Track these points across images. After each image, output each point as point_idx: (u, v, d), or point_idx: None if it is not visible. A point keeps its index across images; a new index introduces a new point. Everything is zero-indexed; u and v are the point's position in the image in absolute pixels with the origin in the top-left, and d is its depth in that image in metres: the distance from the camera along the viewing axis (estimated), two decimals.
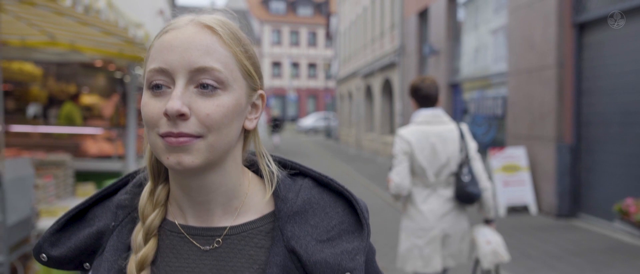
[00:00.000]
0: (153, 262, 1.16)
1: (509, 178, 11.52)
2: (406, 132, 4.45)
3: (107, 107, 10.74)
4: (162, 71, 1.07)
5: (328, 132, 44.30)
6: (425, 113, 4.48)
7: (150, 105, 1.07)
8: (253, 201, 1.20)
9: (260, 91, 1.18)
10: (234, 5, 76.16)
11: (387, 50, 25.40)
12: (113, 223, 1.20)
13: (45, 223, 5.28)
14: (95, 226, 1.21)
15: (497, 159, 11.63)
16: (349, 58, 36.85)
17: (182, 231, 1.18)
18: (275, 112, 40.81)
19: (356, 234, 1.15)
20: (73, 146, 8.89)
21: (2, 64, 9.37)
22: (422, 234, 4.42)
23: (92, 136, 9.44)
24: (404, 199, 4.55)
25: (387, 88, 26.37)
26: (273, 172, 1.21)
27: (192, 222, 1.18)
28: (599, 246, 8.53)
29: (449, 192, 4.41)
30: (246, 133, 1.21)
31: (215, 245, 1.16)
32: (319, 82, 72.69)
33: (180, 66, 1.06)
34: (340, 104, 40.93)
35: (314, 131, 52.03)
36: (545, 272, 7.30)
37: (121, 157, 8.46)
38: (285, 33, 73.68)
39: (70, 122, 9.34)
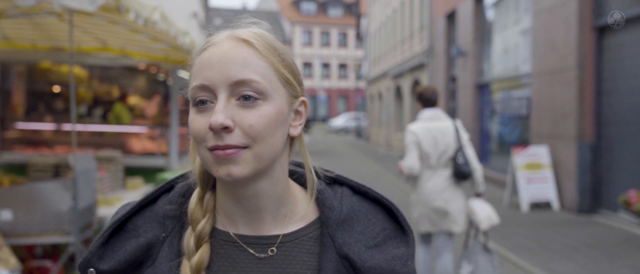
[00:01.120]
0: (209, 269, 1.18)
1: (532, 175, 11.96)
2: (414, 128, 5.77)
3: (150, 107, 11.39)
4: (204, 88, 1.11)
5: (358, 132, 44.72)
6: (428, 113, 5.85)
7: (196, 121, 1.11)
8: (298, 208, 1.23)
9: (301, 98, 1.20)
10: (264, 7, 76.97)
11: (416, 52, 25.88)
12: (163, 234, 1.21)
13: (103, 211, 5.91)
14: (142, 237, 1.21)
15: (521, 157, 12.08)
16: (379, 59, 37.33)
17: (237, 239, 1.20)
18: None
19: (400, 239, 1.20)
20: (119, 143, 9.54)
21: (54, 67, 10.12)
22: (427, 204, 5.78)
23: (136, 134, 10.10)
24: (413, 179, 5.91)
25: (417, 89, 26.81)
26: (314, 180, 1.24)
27: (244, 231, 1.21)
28: (615, 239, 8.98)
29: (447, 172, 5.74)
30: (291, 140, 1.23)
31: (270, 253, 1.18)
32: (349, 83, 73.12)
33: (220, 81, 1.09)
34: (370, 104, 41.41)
35: (344, 131, 52.49)
36: (562, 262, 7.77)
37: (164, 155, 9.08)
38: (316, 34, 74.22)
39: (118, 121, 10.01)
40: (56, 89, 11.20)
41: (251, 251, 1.18)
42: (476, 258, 5.78)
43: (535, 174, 11.99)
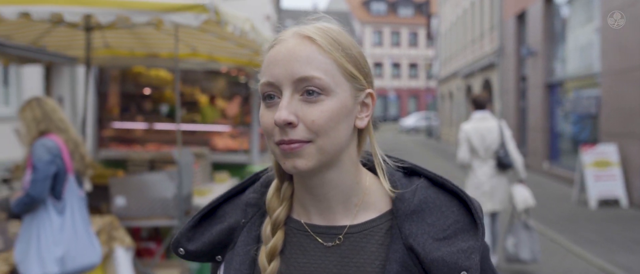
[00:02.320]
0: (282, 253, 1.24)
1: (601, 173, 12.18)
2: (466, 127, 7.16)
3: (231, 108, 12.17)
4: (270, 84, 1.16)
5: (429, 132, 44.81)
6: (478, 114, 7.22)
7: (265, 116, 1.17)
8: (372, 198, 1.25)
9: (368, 90, 1.23)
10: (335, 8, 77.58)
11: (487, 52, 26.07)
12: (243, 220, 1.29)
13: (197, 200, 6.61)
14: (226, 222, 1.30)
15: (589, 155, 12.31)
16: (450, 58, 37.48)
17: (307, 229, 1.25)
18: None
19: (471, 233, 1.18)
20: (204, 141, 10.31)
21: (144, 71, 10.99)
22: (478, 187, 7.11)
23: (219, 133, 10.87)
24: (466, 168, 7.28)
25: (487, 88, 26.98)
26: (389, 171, 1.27)
27: (316, 220, 1.25)
28: None
29: (493, 163, 7.06)
30: (361, 131, 1.26)
31: (337, 242, 1.22)
32: (420, 82, 73.06)
33: (284, 78, 1.14)
34: (441, 103, 41.54)
35: (415, 130, 52.61)
36: (625, 255, 8.10)
37: (246, 152, 9.79)
38: (386, 34, 74.45)
39: (204, 120, 10.79)
40: (146, 91, 12.12)
41: (319, 240, 1.23)
42: (519, 233, 6.94)
43: (604, 171, 12.20)
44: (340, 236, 1.22)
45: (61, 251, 3.86)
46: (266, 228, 1.25)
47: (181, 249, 1.31)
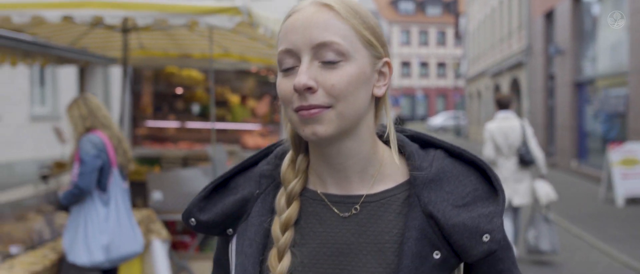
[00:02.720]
0: (297, 225, 1.25)
1: (628, 171, 12.21)
2: (490, 126, 7.48)
3: (261, 107, 12.43)
4: (288, 52, 1.17)
5: (457, 131, 44.74)
6: (502, 114, 7.53)
7: (283, 84, 1.18)
8: (388, 169, 1.26)
9: (385, 59, 1.23)
10: None
11: (515, 50, 26.06)
12: (257, 191, 1.28)
13: None
14: (239, 193, 1.29)
15: (617, 153, 12.34)
16: (478, 58, 37.43)
17: (324, 198, 1.25)
18: (398, 111, 41.64)
19: (490, 200, 1.20)
20: (234, 139, 10.57)
21: (176, 71, 11.27)
22: (502, 183, 7.15)
23: (249, 132, 11.13)
24: (492, 165, 7.28)
25: (515, 87, 26.96)
26: (405, 143, 1.28)
27: (333, 190, 1.26)
28: None
29: (515, 159, 7.36)
30: (377, 102, 1.26)
31: (353, 212, 1.23)
32: (448, 81, 72.86)
33: (303, 44, 1.15)
34: (469, 102, 41.49)
35: (443, 129, 52.52)
36: None
37: None
38: (414, 33, 74.37)
39: (234, 119, 11.06)
40: (179, 90, 12.42)
41: (335, 210, 1.23)
42: (539, 226, 7.34)
43: (631, 169, 12.23)
44: (357, 206, 1.23)
45: (106, 239, 4.12)
46: (280, 199, 1.25)
47: (192, 219, 1.30)
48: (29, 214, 4.75)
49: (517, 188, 7.33)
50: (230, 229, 1.29)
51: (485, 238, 1.14)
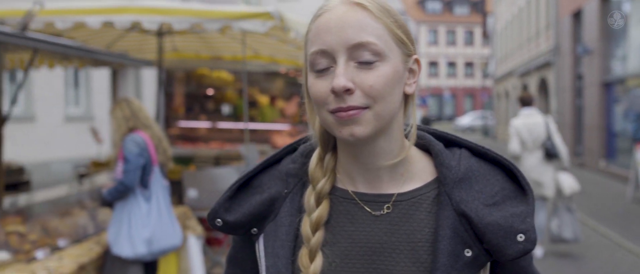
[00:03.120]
0: (327, 224, 1.23)
1: None
2: (515, 122, 7.89)
3: (290, 107, 12.65)
4: (323, 53, 1.15)
5: (485, 131, 44.55)
6: (525, 111, 7.96)
7: (317, 85, 1.16)
8: (416, 167, 1.26)
9: (414, 56, 1.23)
10: None
11: (543, 50, 26.01)
12: (285, 190, 1.27)
13: None
14: (266, 192, 1.27)
15: None
16: (506, 57, 37.34)
17: (354, 197, 1.24)
18: (426, 111, 41.56)
19: (519, 199, 1.20)
20: (264, 139, 10.79)
21: (207, 73, 11.52)
22: (526, 176, 7.32)
23: (278, 131, 11.36)
24: (516, 159, 7.82)
25: (543, 87, 26.90)
26: (430, 141, 1.28)
27: (363, 189, 1.25)
28: None
29: (540, 153, 7.75)
30: (406, 100, 1.25)
31: (386, 210, 1.22)
32: (476, 81, 72.48)
33: (338, 45, 1.13)
34: (497, 102, 41.37)
35: (470, 129, 52.31)
36: None
37: None
38: (442, 33, 74.13)
39: (263, 120, 11.29)
40: (210, 91, 12.68)
41: (367, 208, 1.23)
42: (562, 215, 7.68)
43: None
44: (389, 204, 1.22)
45: (148, 233, 4.36)
46: (309, 198, 1.24)
47: (219, 220, 1.28)
48: (74, 210, 5.01)
49: (541, 180, 7.67)
50: (255, 229, 1.27)
51: (520, 237, 1.15)
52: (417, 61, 1.23)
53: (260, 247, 1.26)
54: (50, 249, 4.23)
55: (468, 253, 1.16)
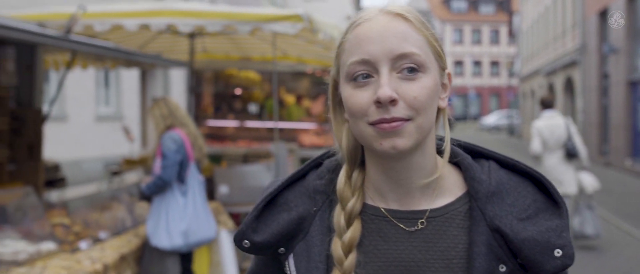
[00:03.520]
0: (360, 245, 1.19)
1: None
2: (538, 123, 8.17)
3: (316, 106, 12.85)
4: (364, 62, 1.12)
5: (511, 130, 44.34)
6: (547, 113, 8.23)
7: (357, 96, 1.12)
8: (447, 182, 1.22)
9: (447, 70, 1.22)
10: (414, 6, 77.30)
11: (569, 49, 25.93)
12: (314, 208, 1.22)
13: None
14: (294, 211, 1.22)
15: None
16: (532, 56, 37.20)
17: (387, 214, 1.20)
18: (451, 111, 41.44)
19: (552, 211, 1.17)
20: (291, 138, 10.99)
21: (235, 73, 11.74)
22: (548, 175, 7.67)
23: (304, 130, 11.55)
24: (538, 158, 8.17)
25: (569, 86, 26.80)
26: (458, 154, 1.24)
27: (394, 205, 1.21)
28: None
29: (560, 153, 8.03)
30: (437, 114, 1.21)
31: (420, 226, 1.18)
32: (501, 80, 72.09)
33: (382, 55, 1.11)
34: (523, 101, 41.21)
35: (496, 129, 52.07)
36: None
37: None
38: (467, 32, 73.84)
39: (290, 118, 11.50)
40: (238, 91, 12.92)
41: (402, 226, 1.19)
42: (583, 213, 8.00)
43: None
44: (423, 220, 1.18)
45: (185, 226, 4.59)
46: (339, 218, 1.19)
47: (246, 241, 1.23)
48: (112, 204, 5.25)
49: (561, 179, 7.88)
50: (283, 249, 1.23)
51: (557, 253, 1.12)
52: (449, 76, 1.23)
53: (291, 268, 1.23)
54: (92, 240, 4.46)
55: (503, 269, 1.14)
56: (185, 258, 4.82)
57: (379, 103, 1.09)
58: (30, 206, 4.41)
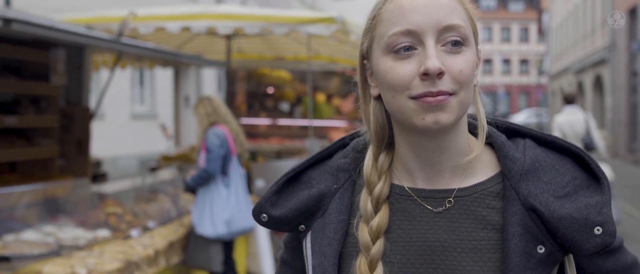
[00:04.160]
0: (386, 229, 1.15)
1: None
2: (559, 118, 8.61)
3: (346, 105, 13.14)
4: (409, 33, 1.07)
5: (540, 128, 44.08)
6: (568, 109, 8.67)
7: (399, 68, 1.07)
8: (478, 161, 1.17)
9: (479, 47, 1.18)
10: None
11: (598, 47, 25.88)
12: (335, 186, 1.20)
13: None
14: (315, 188, 1.20)
15: None
16: (561, 54, 37.08)
17: (412, 194, 1.17)
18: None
19: (593, 188, 1.10)
20: (321, 135, 11.28)
21: (267, 72, 12.07)
22: None
23: (335, 128, 11.84)
24: None
25: (598, 84, 26.75)
26: (493, 133, 1.19)
27: (421, 185, 1.17)
28: None
29: (579, 146, 7.72)
30: None
31: (447, 205, 1.14)
32: (531, 78, 71.57)
33: (428, 26, 1.06)
34: (552, 100, 41.07)
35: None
36: None
37: None
38: (496, 29, 73.45)
39: (321, 116, 11.80)
40: (270, 90, 13.27)
41: (428, 206, 1.15)
42: None
43: None
44: (451, 199, 1.14)
45: (228, 215, 4.93)
46: (366, 204, 1.16)
47: (264, 215, 1.21)
48: (158, 196, 5.60)
49: None
50: (303, 226, 1.21)
51: (597, 230, 1.05)
52: (479, 52, 1.18)
53: (308, 245, 1.20)
54: (142, 229, 4.81)
55: (541, 250, 1.08)
56: (228, 245, 5.15)
57: (425, 76, 1.05)
58: (84, 197, 4.77)
